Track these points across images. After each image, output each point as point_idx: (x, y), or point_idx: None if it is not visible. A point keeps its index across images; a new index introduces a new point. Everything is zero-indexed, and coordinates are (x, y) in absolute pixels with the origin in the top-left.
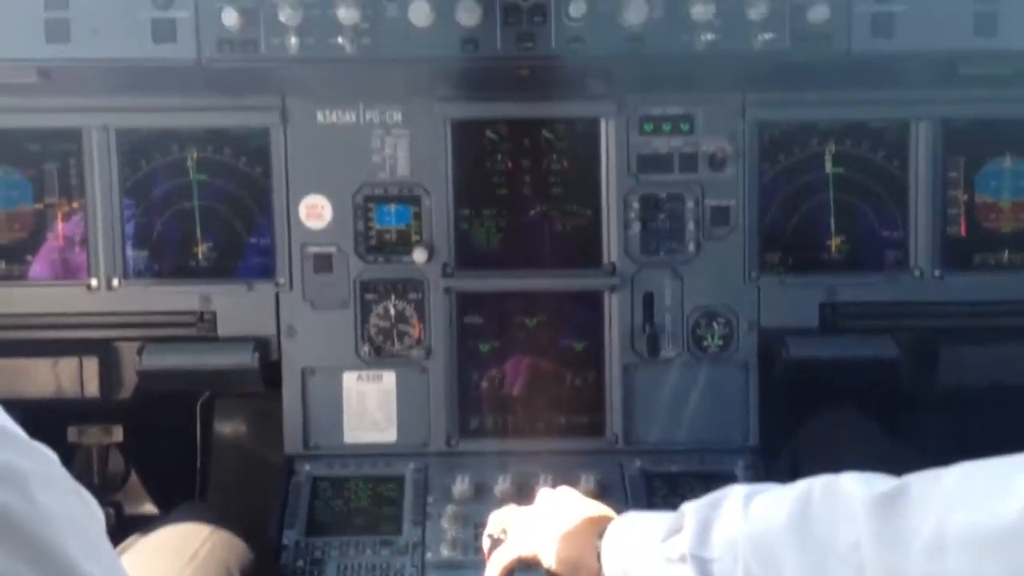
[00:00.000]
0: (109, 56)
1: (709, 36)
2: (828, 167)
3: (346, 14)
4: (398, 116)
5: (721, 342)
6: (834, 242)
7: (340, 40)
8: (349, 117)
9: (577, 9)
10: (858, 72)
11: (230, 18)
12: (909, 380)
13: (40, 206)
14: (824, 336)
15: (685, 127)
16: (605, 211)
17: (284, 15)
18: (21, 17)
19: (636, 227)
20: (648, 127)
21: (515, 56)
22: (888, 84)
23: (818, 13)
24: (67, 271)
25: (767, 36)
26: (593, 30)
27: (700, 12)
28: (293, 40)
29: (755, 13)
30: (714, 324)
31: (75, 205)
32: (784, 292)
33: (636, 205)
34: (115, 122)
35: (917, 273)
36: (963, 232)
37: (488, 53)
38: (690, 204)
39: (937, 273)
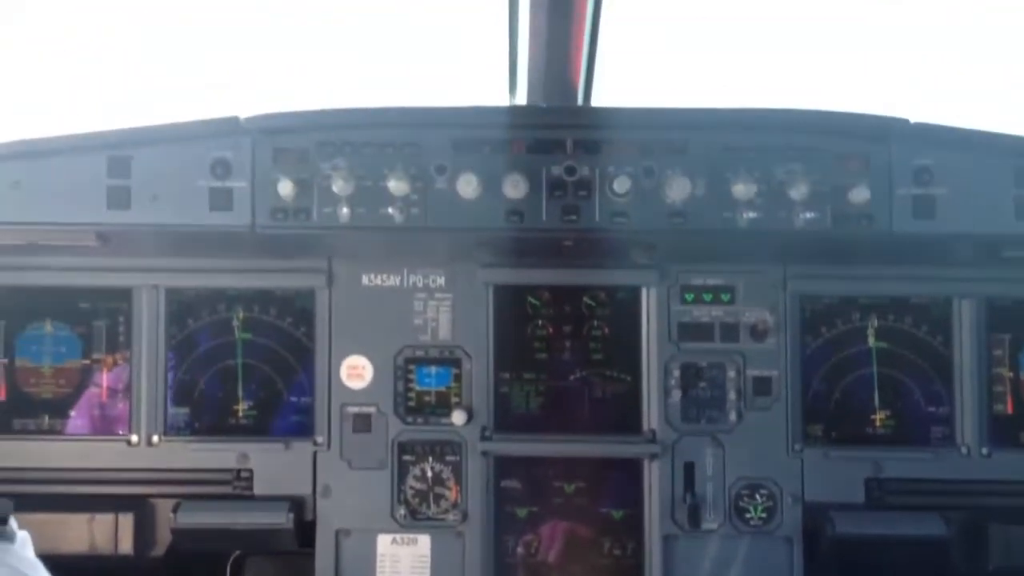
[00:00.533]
0: (166, 222)
1: (750, 214)
2: (871, 341)
3: (397, 186)
4: (441, 280)
5: (764, 515)
6: (879, 416)
7: (390, 210)
8: (393, 280)
9: (621, 185)
10: (900, 250)
11: (285, 188)
12: (958, 560)
13: (87, 362)
14: (870, 512)
15: (726, 297)
16: (645, 378)
17: (337, 186)
18: (85, 183)
19: (676, 395)
20: (689, 296)
21: (559, 228)
22: (930, 262)
23: (859, 194)
24: (107, 425)
25: (808, 215)
26: (636, 205)
27: (741, 191)
28: (344, 210)
29: (796, 193)
30: (757, 496)
31: (120, 360)
32: (829, 466)
33: (677, 373)
34: (165, 282)
35: (964, 450)
36: (1010, 410)
37: (533, 225)
38: (731, 373)
39: (984, 451)
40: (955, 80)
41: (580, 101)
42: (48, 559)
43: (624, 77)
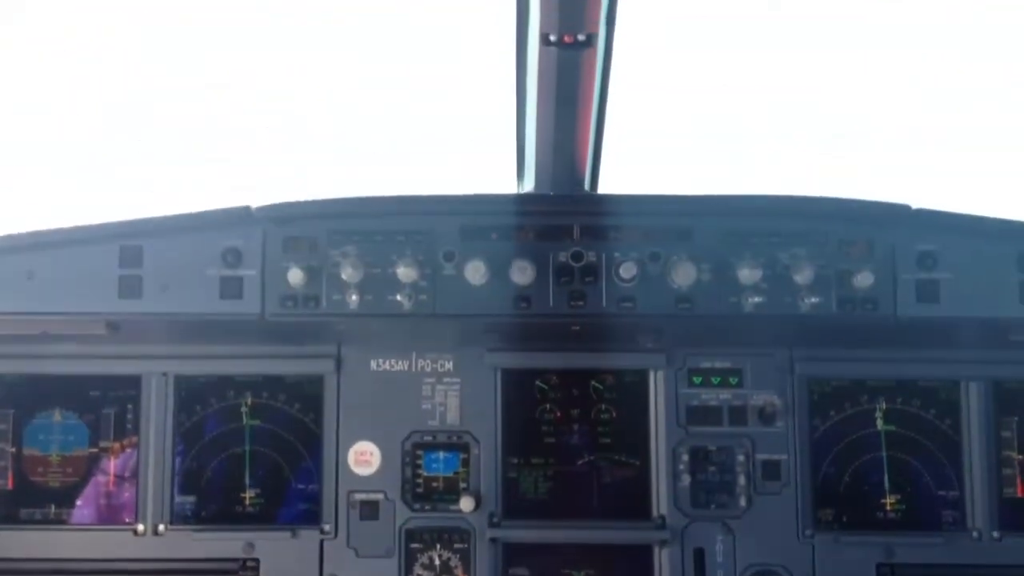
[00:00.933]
0: (177, 311)
1: (756, 299)
2: (880, 424)
3: (405, 273)
4: (449, 365)
5: None
6: (889, 500)
7: (398, 297)
8: (402, 365)
9: (628, 270)
10: (905, 334)
11: (295, 276)
12: None
13: (95, 450)
14: None
15: (734, 380)
16: (654, 462)
17: (346, 273)
18: (96, 273)
19: (686, 479)
20: (697, 379)
21: (567, 314)
22: (936, 345)
23: (863, 279)
24: (113, 514)
25: (813, 300)
26: (643, 290)
27: (747, 276)
28: (354, 297)
29: (801, 278)
30: None
31: (128, 447)
32: (840, 551)
33: (686, 457)
34: (175, 369)
35: (975, 534)
36: (1020, 492)
37: (540, 310)
38: (740, 457)
39: (996, 535)
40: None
41: (587, 187)
42: None
43: (630, 162)
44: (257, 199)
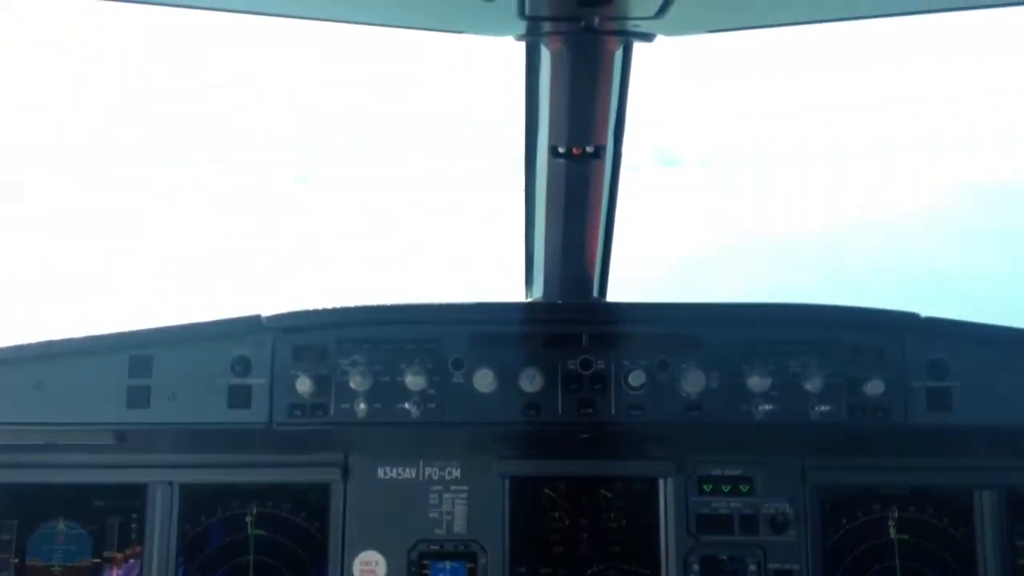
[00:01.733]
0: (185, 420)
1: (766, 406)
2: (892, 533)
3: (414, 381)
4: (457, 472)
5: None
6: None
7: (407, 405)
8: (409, 473)
9: (636, 378)
10: (917, 441)
11: (304, 385)
12: None
13: (98, 560)
14: None
15: (745, 488)
16: (665, 572)
17: (354, 382)
18: (105, 382)
19: None
20: (707, 487)
21: (575, 422)
22: (948, 453)
23: (874, 387)
24: None
25: (824, 408)
26: (652, 398)
27: (756, 383)
28: (362, 405)
29: (811, 386)
30: None
31: (131, 557)
32: None
33: (696, 567)
34: (180, 478)
35: None
36: None
37: (549, 418)
38: (752, 567)
39: None
40: None
41: (596, 294)
42: None
43: (638, 269)
44: (268, 307)
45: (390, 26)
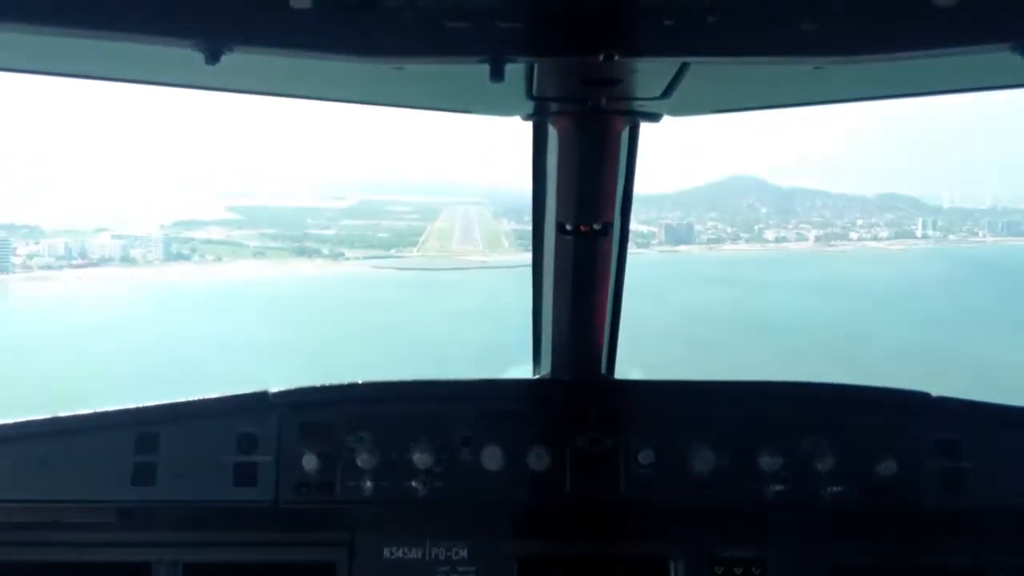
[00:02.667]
0: (190, 499)
1: (777, 487)
2: None
3: (421, 458)
4: (464, 552)
5: None
6: None
7: (414, 483)
8: (415, 553)
9: (645, 456)
10: (931, 523)
11: (310, 463)
12: None
13: None
14: None
15: (756, 571)
16: None
17: (361, 459)
18: (110, 459)
19: None
20: (719, 569)
21: (584, 500)
22: (962, 533)
23: (887, 468)
24: None
25: (836, 488)
26: (661, 476)
27: (767, 463)
28: (368, 483)
29: (823, 466)
30: None
31: None
32: None
33: None
34: (185, 557)
35: None
36: None
37: (558, 497)
38: None
39: None
40: None
41: (604, 371)
42: None
43: (647, 344)
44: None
45: (401, 107)
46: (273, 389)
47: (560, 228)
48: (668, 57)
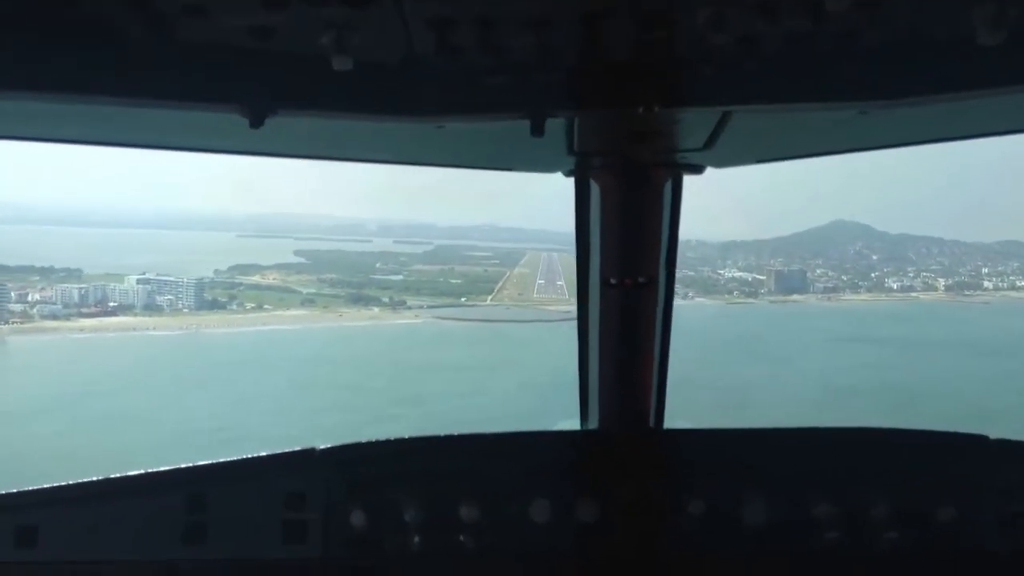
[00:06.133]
0: (240, 556)
1: (833, 535)
2: None
3: (468, 513)
4: None
5: None
6: None
7: (461, 537)
8: None
9: (696, 508)
10: (993, 568)
11: (358, 518)
12: None
13: None
14: None
15: None
16: None
17: (409, 515)
18: (161, 519)
19: None
20: None
21: (633, 552)
22: None
23: (945, 513)
24: None
25: (893, 535)
26: (712, 528)
27: (822, 511)
28: (416, 538)
29: (879, 513)
30: None
31: None
32: None
33: None
34: None
35: None
36: None
37: (607, 550)
38: None
39: None
40: None
41: (652, 423)
42: None
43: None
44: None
45: (445, 166)
46: (320, 446)
47: (605, 282)
48: (709, 107)
